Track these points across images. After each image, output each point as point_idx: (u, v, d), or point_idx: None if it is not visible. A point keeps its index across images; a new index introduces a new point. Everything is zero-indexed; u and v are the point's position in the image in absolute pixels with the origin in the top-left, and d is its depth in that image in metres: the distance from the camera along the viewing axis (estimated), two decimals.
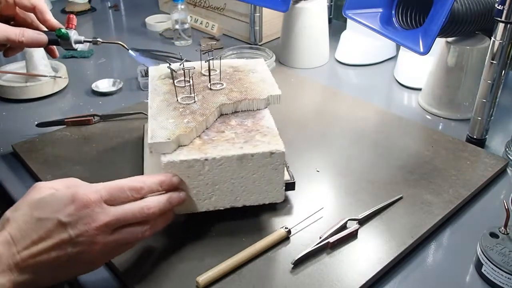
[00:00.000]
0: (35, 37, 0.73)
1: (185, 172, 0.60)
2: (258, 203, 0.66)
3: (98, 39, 0.79)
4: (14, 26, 0.72)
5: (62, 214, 0.49)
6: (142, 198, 0.55)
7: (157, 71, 0.79)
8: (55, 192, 0.53)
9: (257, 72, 0.79)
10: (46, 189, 0.53)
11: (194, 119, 0.65)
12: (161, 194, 0.58)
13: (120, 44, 0.84)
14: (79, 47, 0.78)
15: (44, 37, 0.74)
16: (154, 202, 0.55)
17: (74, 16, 0.76)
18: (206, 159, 0.60)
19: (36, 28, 0.76)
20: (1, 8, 0.72)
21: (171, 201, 0.58)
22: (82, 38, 0.77)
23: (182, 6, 1.30)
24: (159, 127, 0.63)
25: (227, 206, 0.65)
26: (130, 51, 0.87)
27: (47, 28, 0.76)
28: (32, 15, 0.76)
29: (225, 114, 0.70)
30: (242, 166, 0.62)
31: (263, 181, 0.64)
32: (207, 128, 0.66)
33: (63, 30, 0.74)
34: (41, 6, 0.74)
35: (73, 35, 0.76)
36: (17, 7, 0.74)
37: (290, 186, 0.69)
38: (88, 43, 0.79)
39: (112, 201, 0.52)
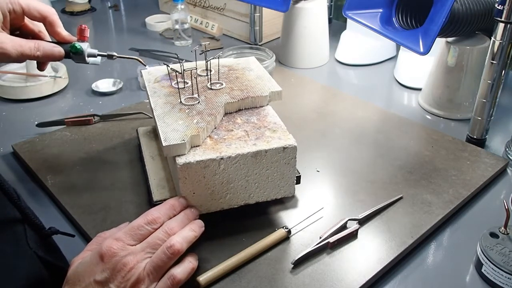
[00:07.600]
0: (52, 50, 0.67)
1: (201, 173, 0.60)
2: (270, 198, 0.66)
3: (113, 54, 0.73)
4: (20, 36, 0.68)
5: (96, 274, 0.51)
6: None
7: (151, 74, 0.78)
8: (84, 258, 0.54)
9: (252, 70, 0.79)
10: (77, 261, 0.55)
11: (202, 119, 0.65)
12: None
13: (137, 60, 0.77)
14: (91, 60, 0.72)
15: (60, 50, 0.68)
16: (172, 221, 0.58)
17: (87, 27, 0.70)
18: (221, 158, 0.60)
19: (43, 39, 0.71)
20: (10, 19, 0.67)
21: (188, 216, 0.60)
22: (95, 51, 0.71)
23: (182, 6, 1.30)
24: (170, 129, 0.62)
25: (241, 204, 0.65)
26: (146, 67, 0.81)
27: (57, 41, 0.70)
28: (40, 24, 0.71)
29: (229, 112, 0.70)
30: (256, 163, 0.62)
31: (276, 177, 0.64)
32: (215, 128, 0.66)
33: (78, 46, 0.69)
34: (52, 19, 0.68)
35: (87, 48, 0.70)
36: (25, 17, 0.69)
37: (297, 179, 0.69)
38: (100, 57, 0.72)
39: (136, 241, 0.55)
